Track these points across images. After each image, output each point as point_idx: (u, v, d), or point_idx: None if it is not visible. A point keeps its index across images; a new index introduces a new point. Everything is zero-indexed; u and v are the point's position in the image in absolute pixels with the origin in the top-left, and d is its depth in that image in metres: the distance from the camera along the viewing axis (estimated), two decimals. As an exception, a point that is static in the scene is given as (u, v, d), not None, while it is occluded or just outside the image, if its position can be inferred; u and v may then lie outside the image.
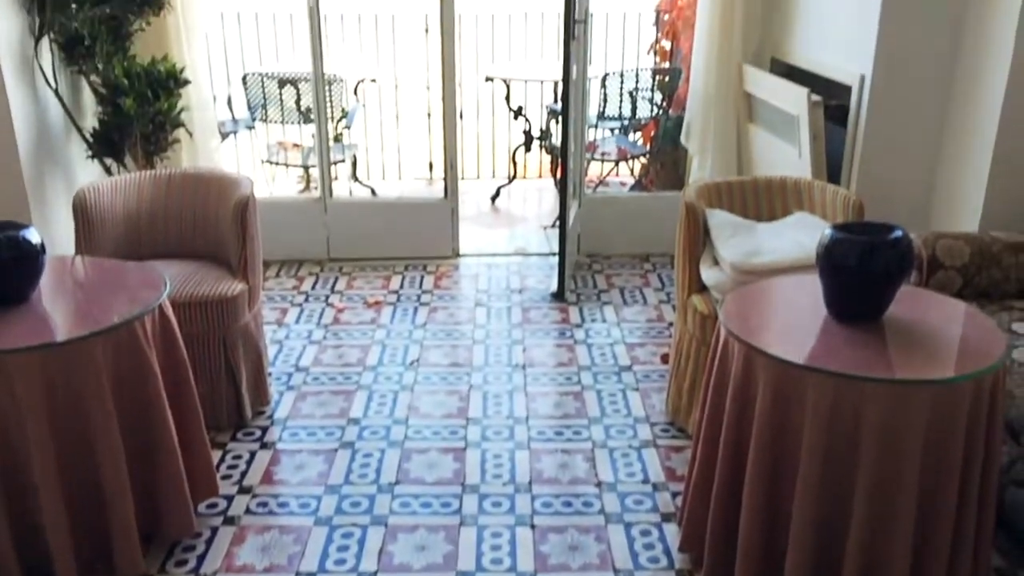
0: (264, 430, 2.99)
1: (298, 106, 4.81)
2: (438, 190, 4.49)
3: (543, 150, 5.69)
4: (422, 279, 4.25)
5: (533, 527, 2.50)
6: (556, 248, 4.11)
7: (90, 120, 3.83)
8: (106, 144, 3.68)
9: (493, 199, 5.59)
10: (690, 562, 2.35)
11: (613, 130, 5.32)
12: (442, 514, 2.55)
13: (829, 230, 2.10)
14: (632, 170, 5.48)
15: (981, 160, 3.10)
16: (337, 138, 5.05)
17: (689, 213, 2.84)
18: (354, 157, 5.47)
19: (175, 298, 2.71)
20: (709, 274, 2.79)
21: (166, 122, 3.70)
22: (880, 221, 2.22)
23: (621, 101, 4.97)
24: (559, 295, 4.04)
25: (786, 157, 3.68)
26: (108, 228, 3.00)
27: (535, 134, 5.59)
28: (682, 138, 4.36)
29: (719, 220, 2.86)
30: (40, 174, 3.53)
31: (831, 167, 3.48)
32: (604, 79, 4.94)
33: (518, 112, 5.58)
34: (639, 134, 5.43)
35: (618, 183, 5.58)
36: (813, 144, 3.41)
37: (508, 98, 5.62)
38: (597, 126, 5.10)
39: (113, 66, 3.58)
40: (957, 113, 3.26)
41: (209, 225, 3.13)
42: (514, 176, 5.74)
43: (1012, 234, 2.88)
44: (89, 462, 2.14)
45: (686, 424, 2.92)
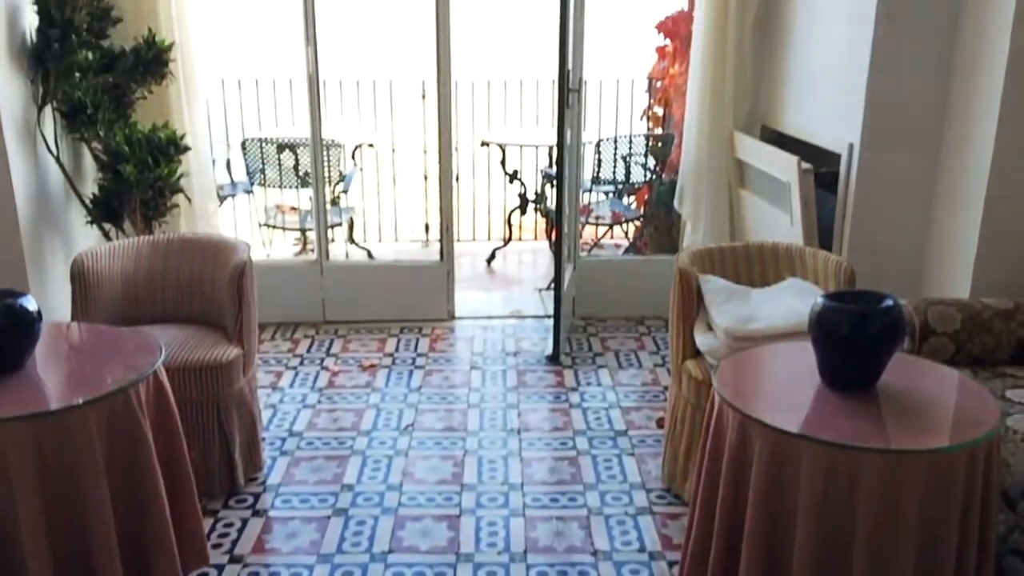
0: (256, 497, 2.96)
1: (296, 170, 4.88)
2: (434, 252, 4.53)
3: (538, 213, 5.76)
4: (417, 342, 4.25)
5: (528, 598, 2.47)
6: (551, 311, 4.13)
7: (90, 186, 3.87)
8: (106, 210, 3.71)
9: (489, 261, 5.64)
10: (688, 634, 2.31)
11: (607, 194, 5.38)
12: (436, 584, 2.52)
13: (821, 299, 2.12)
14: (626, 233, 5.53)
15: (970, 226, 3.14)
16: (334, 201, 5.11)
17: (683, 279, 2.87)
18: (351, 220, 5.53)
19: (170, 363, 2.70)
20: (703, 340, 2.81)
21: (165, 188, 3.72)
22: (872, 287, 2.24)
23: (615, 165, 5.04)
24: (554, 358, 4.04)
25: (778, 223, 3.72)
26: (105, 293, 3.01)
27: (530, 197, 5.66)
28: (675, 203, 4.40)
29: (713, 286, 2.88)
30: (39, 240, 3.56)
31: (822, 233, 3.52)
32: (598, 144, 5.02)
33: (513, 176, 5.66)
34: (633, 198, 5.50)
35: (612, 245, 5.63)
36: (804, 211, 3.45)
37: (504, 162, 5.70)
38: (592, 190, 5.17)
39: (114, 133, 3.62)
40: (945, 180, 3.32)
41: (206, 290, 3.14)
42: (509, 238, 5.80)
43: (1003, 300, 2.90)
44: (80, 536, 2.11)
45: (682, 490, 2.89)
